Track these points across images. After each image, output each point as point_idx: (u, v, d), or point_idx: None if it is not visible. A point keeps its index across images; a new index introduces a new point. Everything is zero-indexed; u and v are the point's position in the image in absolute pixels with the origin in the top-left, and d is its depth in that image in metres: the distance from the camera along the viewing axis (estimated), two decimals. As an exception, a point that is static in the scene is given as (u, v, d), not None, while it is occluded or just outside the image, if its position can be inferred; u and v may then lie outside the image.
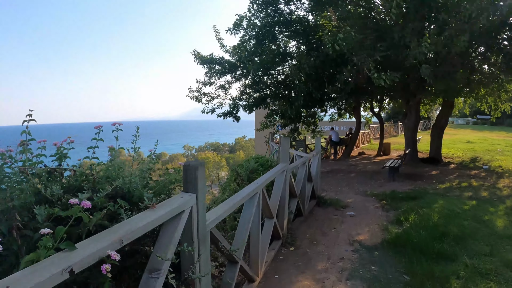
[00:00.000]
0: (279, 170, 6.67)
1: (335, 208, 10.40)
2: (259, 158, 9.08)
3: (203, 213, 3.35)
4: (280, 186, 6.78)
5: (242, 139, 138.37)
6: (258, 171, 8.11)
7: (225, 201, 4.34)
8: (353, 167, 19.77)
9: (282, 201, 6.95)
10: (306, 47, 19.47)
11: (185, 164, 3.21)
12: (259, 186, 5.21)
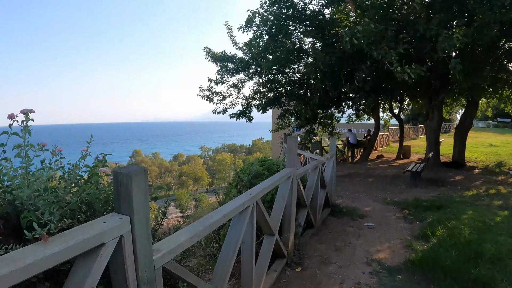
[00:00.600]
0: (283, 176, 5.59)
1: (351, 218, 9.29)
2: (265, 161, 8.06)
3: (146, 244, 2.33)
4: (284, 196, 5.71)
5: (259, 141, 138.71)
6: (263, 176, 7.12)
7: (196, 222, 3.25)
8: (372, 171, 18.70)
9: (287, 213, 5.90)
10: (321, 43, 18.38)
11: (115, 171, 2.19)
12: (253, 197, 4.17)
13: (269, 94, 20.67)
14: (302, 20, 17.31)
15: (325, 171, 9.35)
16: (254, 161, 8.30)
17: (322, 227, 8.40)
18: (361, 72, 15.12)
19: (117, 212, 2.23)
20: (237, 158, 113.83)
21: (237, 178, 7.31)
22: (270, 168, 7.51)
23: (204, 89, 20.57)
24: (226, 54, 19.62)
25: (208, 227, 3.15)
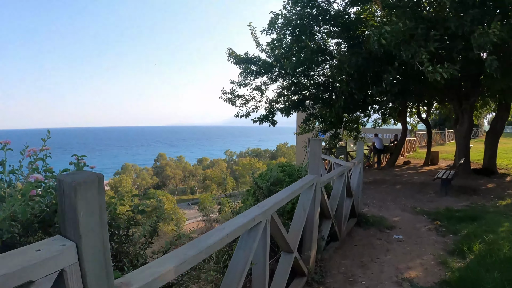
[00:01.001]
0: (305, 184, 4.96)
1: (378, 230, 8.59)
2: (286, 166, 7.47)
3: (102, 280, 1.68)
4: (306, 206, 5.08)
5: (283, 146, 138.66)
6: (283, 183, 6.52)
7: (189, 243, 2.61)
8: (399, 178, 17.96)
9: (308, 226, 5.28)
10: (347, 44, 17.73)
11: (58, 178, 1.58)
12: (267, 211, 3.57)
13: (293, 97, 20.10)
14: (326, 20, 16.69)
15: (352, 178, 8.69)
16: (273, 166, 7.71)
17: (347, 239, 7.74)
18: (389, 74, 14.44)
19: (63, 235, 1.61)
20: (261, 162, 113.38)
21: (254, 185, 6.69)
22: (291, 174, 6.94)
23: (227, 92, 20.12)
24: (249, 55, 19.10)
25: (204, 251, 2.48)
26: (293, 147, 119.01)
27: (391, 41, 11.26)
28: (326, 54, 18.36)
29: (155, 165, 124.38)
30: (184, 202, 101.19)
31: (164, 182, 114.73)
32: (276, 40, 17.59)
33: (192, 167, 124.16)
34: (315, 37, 17.84)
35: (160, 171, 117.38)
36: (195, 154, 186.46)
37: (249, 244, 3.31)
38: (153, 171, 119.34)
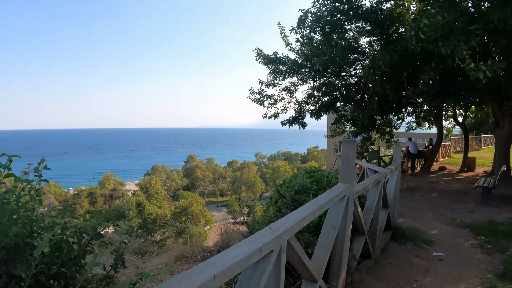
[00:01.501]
0: (334, 197, 4.09)
1: (416, 245, 7.66)
2: (314, 172, 6.66)
3: None
4: (335, 223, 4.22)
5: (314, 149, 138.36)
6: (309, 191, 5.75)
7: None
8: (434, 185, 16.99)
9: (338, 246, 4.45)
10: (380, 41, 16.80)
11: None
12: (280, 236, 2.70)
13: (323, 99, 19.34)
14: (358, 16, 15.76)
15: (388, 186, 7.79)
16: (300, 172, 6.90)
17: (381, 257, 6.81)
18: (426, 74, 13.51)
19: None
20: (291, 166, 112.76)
21: (276, 193, 5.90)
22: (319, 181, 6.17)
23: (255, 92, 19.47)
24: (277, 55, 18.42)
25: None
26: (323, 151, 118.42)
27: (429, 36, 10.37)
28: (358, 53, 17.56)
29: (185, 166, 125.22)
30: (214, 204, 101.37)
31: (194, 184, 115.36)
32: (305, 37, 16.83)
33: (222, 169, 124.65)
34: (346, 35, 17.00)
35: (190, 172, 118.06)
36: (225, 156, 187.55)
37: (254, 280, 2.49)
38: (183, 172, 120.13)
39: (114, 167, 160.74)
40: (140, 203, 70.43)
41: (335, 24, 15.79)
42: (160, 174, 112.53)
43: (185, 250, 6.82)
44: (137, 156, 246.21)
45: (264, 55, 18.68)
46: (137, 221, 66.99)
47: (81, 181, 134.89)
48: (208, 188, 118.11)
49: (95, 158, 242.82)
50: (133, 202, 72.36)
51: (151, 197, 74.72)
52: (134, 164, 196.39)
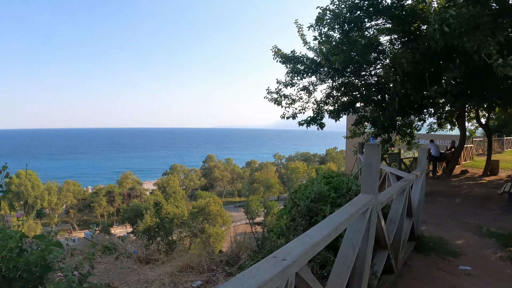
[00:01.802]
0: (355, 212, 3.52)
1: (440, 257, 7.10)
2: (332, 177, 6.19)
3: None
4: (355, 243, 3.64)
5: (333, 150, 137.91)
6: (327, 199, 5.28)
7: None
8: (457, 189, 16.43)
9: (357, 269, 3.89)
10: (402, 39, 16.25)
11: None
12: (287, 269, 2.24)
13: (342, 99, 18.87)
14: (378, 13, 15.22)
15: (413, 193, 7.12)
16: (317, 177, 6.45)
17: (404, 271, 6.25)
18: (450, 72, 12.99)
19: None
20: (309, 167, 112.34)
21: (291, 201, 5.49)
22: (338, 188, 5.67)
23: (272, 92, 19.06)
24: (295, 54, 18.00)
25: None
26: (342, 152, 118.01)
27: (454, 30, 9.85)
28: (378, 52, 17.04)
29: (204, 166, 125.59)
30: (231, 204, 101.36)
31: (212, 184, 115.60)
32: (324, 34, 16.37)
33: (240, 170, 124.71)
34: (366, 33, 16.50)
35: (208, 172, 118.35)
36: (244, 156, 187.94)
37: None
38: (201, 172, 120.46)
39: (133, 166, 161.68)
40: (157, 203, 70.53)
41: (354, 21, 15.30)
42: (178, 173, 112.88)
43: (192, 260, 6.42)
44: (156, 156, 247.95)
45: (282, 54, 18.28)
46: (155, 220, 67.29)
47: (100, 179, 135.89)
48: (226, 188, 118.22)
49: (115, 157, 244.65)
50: (151, 201, 72.53)
51: (169, 197, 74.83)
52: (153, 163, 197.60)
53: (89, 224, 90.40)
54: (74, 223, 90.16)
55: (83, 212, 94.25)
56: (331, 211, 4.84)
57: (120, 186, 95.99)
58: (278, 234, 5.05)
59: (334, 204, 5.18)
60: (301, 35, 18.14)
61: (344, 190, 5.70)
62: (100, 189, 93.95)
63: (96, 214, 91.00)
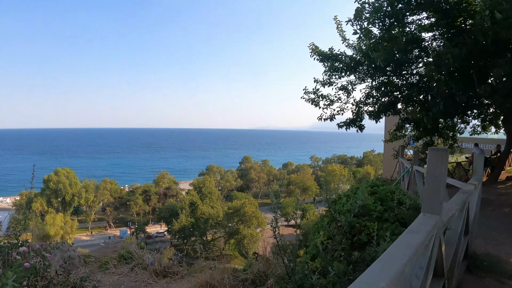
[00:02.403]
0: (419, 246, 2.69)
1: (497, 280, 6.04)
2: (378, 186, 5.34)
3: None
4: (414, 285, 2.85)
5: (370, 153, 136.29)
6: (372, 213, 4.56)
7: None
8: (505, 198, 15.39)
9: None
10: (446, 34, 15.26)
11: None
12: None
13: (383, 99, 18.00)
14: (421, 5, 14.31)
15: (470, 207, 5.96)
16: (360, 185, 5.68)
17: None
18: (499, 69, 12.07)
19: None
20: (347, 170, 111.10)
21: (329, 214, 4.71)
22: (384, 199, 4.90)
23: (309, 91, 18.32)
24: (333, 51, 17.26)
25: None
26: (380, 155, 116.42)
27: (508, 16, 8.97)
28: (421, 50, 16.13)
29: (240, 167, 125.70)
30: (267, 206, 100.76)
31: (248, 185, 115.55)
32: (364, 29, 15.51)
33: (276, 171, 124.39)
34: (407, 29, 15.59)
35: (244, 173, 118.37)
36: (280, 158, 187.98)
37: None
38: (238, 173, 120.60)
39: (170, 166, 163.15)
40: (193, 203, 70.89)
41: (396, 15, 14.44)
42: (215, 174, 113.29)
43: (213, 278, 5.69)
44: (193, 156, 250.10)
45: (320, 52, 17.56)
46: (190, 220, 67.47)
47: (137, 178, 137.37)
48: (262, 190, 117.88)
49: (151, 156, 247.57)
50: (187, 201, 72.93)
51: (205, 197, 75.11)
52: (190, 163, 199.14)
53: (125, 222, 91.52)
54: (110, 220, 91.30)
55: (119, 210, 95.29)
56: (378, 228, 4.08)
57: (157, 186, 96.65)
58: (312, 254, 4.37)
59: (380, 219, 4.45)
60: (340, 31, 17.39)
61: (393, 203, 4.89)
62: (136, 188, 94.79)
63: (132, 212, 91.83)
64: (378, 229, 4.17)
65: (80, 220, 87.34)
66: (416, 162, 13.41)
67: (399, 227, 4.53)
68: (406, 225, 4.45)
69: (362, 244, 4.30)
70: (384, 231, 4.13)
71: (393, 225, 4.58)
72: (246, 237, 64.04)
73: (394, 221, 4.69)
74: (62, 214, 70.62)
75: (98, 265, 5.89)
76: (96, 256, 7.42)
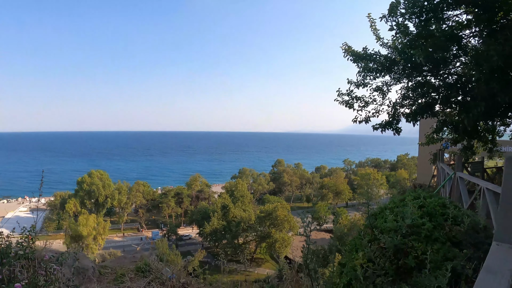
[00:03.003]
0: None
1: None
2: (425, 198, 4.70)
3: None
4: None
5: (404, 157, 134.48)
6: (421, 233, 3.90)
7: None
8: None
9: None
10: (487, 29, 14.50)
11: None
12: None
13: (419, 101, 17.36)
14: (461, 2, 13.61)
15: None
16: (405, 196, 5.02)
17: None
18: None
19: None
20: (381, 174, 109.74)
21: (368, 230, 4.15)
22: (433, 214, 4.23)
23: (343, 93, 17.78)
24: (367, 51, 16.71)
25: None
26: (414, 159, 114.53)
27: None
28: (459, 48, 15.42)
29: (273, 171, 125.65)
30: (299, 209, 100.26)
31: (280, 189, 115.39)
32: (401, 25, 14.85)
33: (309, 175, 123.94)
34: (444, 25, 14.88)
35: (277, 177, 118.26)
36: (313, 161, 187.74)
37: None
38: (270, 176, 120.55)
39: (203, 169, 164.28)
40: (225, 206, 71.01)
41: (433, 10, 13.82)
42: (247, 177, 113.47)
43: None
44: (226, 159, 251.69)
45: (353, 51, 17.05)
46: (221, 223, 67.52)
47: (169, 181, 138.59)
48: (295, 193, 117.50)
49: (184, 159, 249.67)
50: (219, 204, 73.09)
51: (237, 200, 75.14)
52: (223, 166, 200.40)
53: (157, 223, 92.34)
54: (142, 222, 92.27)
55: (152, 212, 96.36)
56: (427, 249, 3.44)
57: (189, 188, 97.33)
58: (349, 279, 3.79)
59: (429, 239, 3.83)
60: (374, 30, 16.82)
61: (440, 217, 4.23)
62: (169, 190, 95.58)
63: (164, 214, 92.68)
64: (427, 251, 3.52)
65: (112, 221, 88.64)
66: (459, 168, 12.71)
67: (451, 249, 3.85)
68: (459, 246, 3.88)
69: (409, 269, 3.66)
70: (435, 254, 3.58)
71: (444, 245, 3.89)
72: (278, 241, 63.69)
73: (445, 241, 3.98)
74: (95, 215, 71.74)
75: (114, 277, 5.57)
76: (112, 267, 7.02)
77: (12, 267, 4.47)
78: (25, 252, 4.72)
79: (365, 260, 3.86)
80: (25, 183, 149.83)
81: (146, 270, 6.66)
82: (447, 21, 14.53)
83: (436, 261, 3.24)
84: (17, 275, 4.44)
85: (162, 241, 62.75)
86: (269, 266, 65.92)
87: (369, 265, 3.76)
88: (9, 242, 4.87)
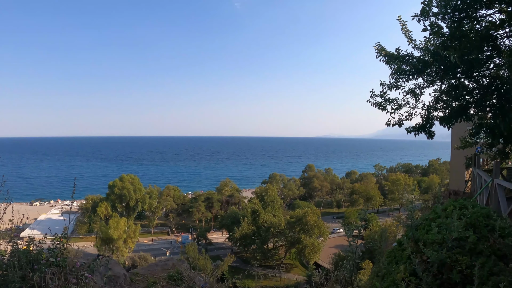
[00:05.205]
0: None
1: None
2: (466, 208, 4.42)
3: None
4: None
5: (436, 162, 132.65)
6: (465, 246, 3.69)
7: None
8: None
9: None
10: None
11: None
12: None
13: (453, 104, 16.97)
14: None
15: None
16: (446, 205, 4.75)
17: None
18: None
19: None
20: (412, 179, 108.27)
21: (409, 241, 3.97)
22: (476, 225, 3.98)
23: (376, 95, 17.50)
24: (400, 52, 16.43)
25: None
26: (446, 164, 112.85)
27: None
28: (493, 49, 15.02)
29: (303, 176, 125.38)
30: (329, 215, 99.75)
31: (311, 194, 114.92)
32: (435, 25, 14.51)
33: (339, 180, 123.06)
34: (478, 26, 14.50)
35: (307, 182, 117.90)
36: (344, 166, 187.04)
37: None
38: (301, 182, 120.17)
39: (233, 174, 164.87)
40: (255, 211, 70.99)
41: (466, 9, 13.48)
42: (277, 182, 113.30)
43: None
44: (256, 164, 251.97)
45: (386, 53, 16.78)
46: (251, 228, 67.50)
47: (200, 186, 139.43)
48: (325, 199, 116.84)
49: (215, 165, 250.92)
50: (249, 209, 73.10)
51: (267, 205, 75.08)
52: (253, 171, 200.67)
53: (187, 228, 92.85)
54: (172, 226, 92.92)
55: (182, 216, 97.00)
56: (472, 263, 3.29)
57: (219, 193, 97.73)
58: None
59: (473, 252, 3.61)
60: (406, 31, 16.54)
61: (484, 228, 3.99)
62: (199, 195, 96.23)
63: (194, 219, 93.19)
64: (472, 265, 3.39)
65: (143, 225, 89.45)
66: (498, 175, 12.31)
67: (497, 263, 3.62)
68: (504, 259, 3.65)
69: (453, 284, 3.43)
70: (480, 268, 3.34)
71: (489, 259, 3.64)
72: (308, 247, 63.35)
73: (489, 254, 3.73)
74: (125, 219, 72.45)
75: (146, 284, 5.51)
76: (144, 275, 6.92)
77: (43, 274, 4.43)
78: (56, 259, 4.68)
79: (406, 274, 3.70)
80: (57, 187, 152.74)
81: (178, 278, 6.52)
82: (481, 21, 14.18)
83: (482, 276, 3.04)
84: (48, 282, 4.40)
85: (192, 245, 62.90)
86: (298, 272, 65.56)
87: (411, 279, 3.60)
88: (40, 248, 4.85)
